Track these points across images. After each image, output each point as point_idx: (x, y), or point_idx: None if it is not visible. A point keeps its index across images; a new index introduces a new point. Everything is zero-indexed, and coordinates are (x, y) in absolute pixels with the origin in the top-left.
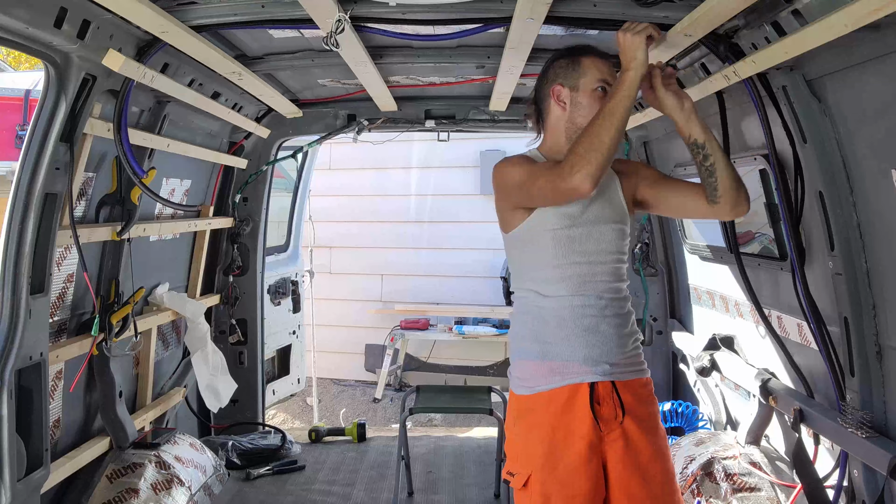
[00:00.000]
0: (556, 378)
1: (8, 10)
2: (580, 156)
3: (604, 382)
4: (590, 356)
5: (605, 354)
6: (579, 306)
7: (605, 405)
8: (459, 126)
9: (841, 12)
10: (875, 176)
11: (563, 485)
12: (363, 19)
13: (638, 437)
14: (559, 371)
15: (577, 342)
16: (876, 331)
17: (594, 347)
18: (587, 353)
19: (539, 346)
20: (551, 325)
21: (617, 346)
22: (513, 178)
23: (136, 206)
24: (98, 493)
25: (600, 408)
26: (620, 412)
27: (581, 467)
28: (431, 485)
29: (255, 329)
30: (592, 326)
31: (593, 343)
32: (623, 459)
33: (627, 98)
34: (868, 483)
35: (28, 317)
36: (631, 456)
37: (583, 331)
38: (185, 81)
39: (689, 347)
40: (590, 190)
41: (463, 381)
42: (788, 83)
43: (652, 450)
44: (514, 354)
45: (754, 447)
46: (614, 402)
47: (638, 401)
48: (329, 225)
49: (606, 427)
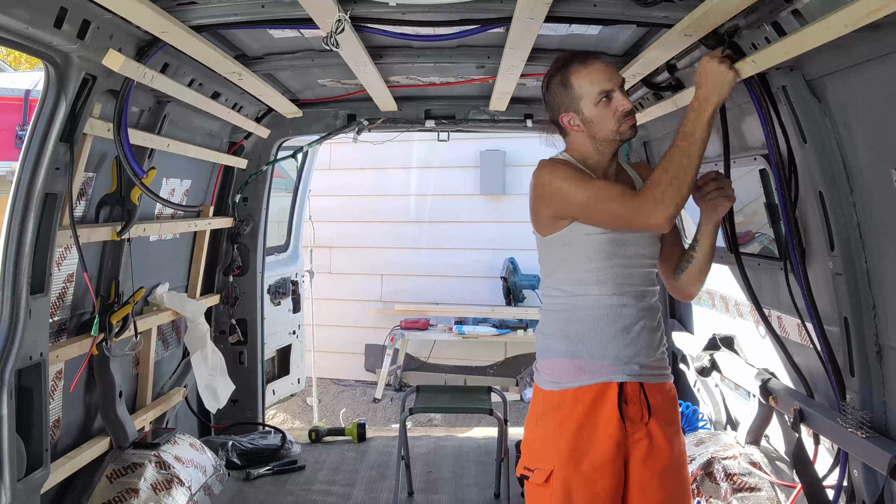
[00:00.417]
0: (585, 376)
1: (8, 10)
2: (664, 192)
3: (632, 383)
4: (621, 356)
5: (636, 355)
6: (617, 306)
7: (633, 405)
8: (459, 126)
9: (841, 12)
10: (875, 176)
11: (588, 482)
12: (363, 19)
13: (661, 440)
14: (588, 369)
15: (611, 341)
16: (876, 331)
17: (627, 347)
18: (619, 352)
19: (569, 344)
20: (585, 323)
21: (648, 347)
22: (570, 193)
23: (136, 206)
24: (98, 493)
25: (627, 407)
26: (647, 413)
27: (606, 465)
28: (431, 485)
29: (255, 329)
30: (627, 327)
31: (627, 343)
32: (645, 461)
33: (708, 127)
34: (868, 483)
35: (28, 317)
36: (653, 458)
37: (618, 330)
38: (185, 81)
39: (689, 347)
40: (669, 229)
41: (463, 381)
42: (788, 83)
43: (673, 455)
44: (543, 351)
45: (754, 447)
46: (641, 403)
47: (664, 404)
48: (329, 225)
49: (632, 427)
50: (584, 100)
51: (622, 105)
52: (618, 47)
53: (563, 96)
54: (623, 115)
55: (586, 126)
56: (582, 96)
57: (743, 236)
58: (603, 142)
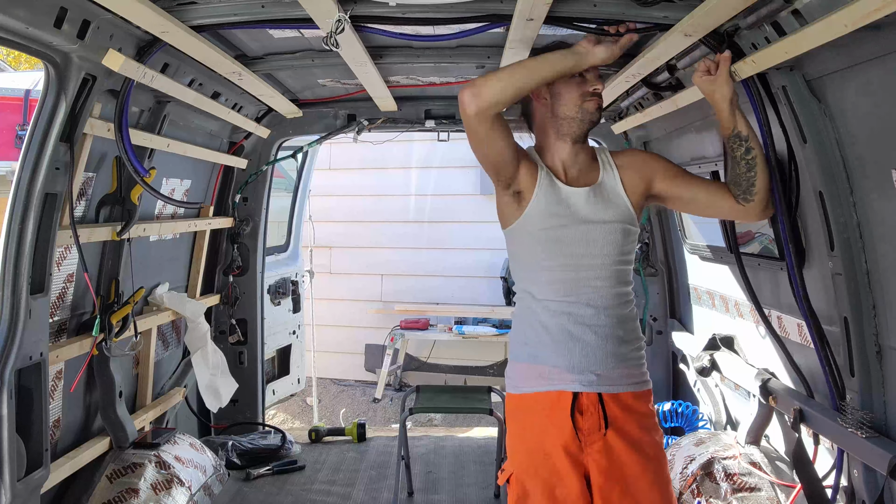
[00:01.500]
0: (543, 382)
1: (8, 10)
2: (486, 78)
3: (588, 393)
4: (574, 365)
5: (590, 364)
6: (565, 313)
7: (588, 416)
8: (459, 126)
9: (841, 12)
10: (875, 176)
11: (547, 487)
12: (363, 19)
13: (622, 450)
14: (546, 375)
15: (561, 349)
16: (876, 331)
17: (578, 357)
18: (571, 361)
19: (528, 349)
20: (538, 329)
21: (606, 356)
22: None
23: (136, 206)
24: (98, 493)
25: (582, 418)
26: (604, 425)
27: (563, 473)
28: (431, 485)
29: (255, 329)
30: (577, 335)
31: (577, 352)
32: (605, 471)
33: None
34: (868, 483)
35: (28, 317)
36: (614, 469)
37: (567, 338)
38: (185, 81)
39: (689, 347)
40: (472, 111)
41: (463, 381)
42: (788, 83)
43: (640, 466)
44: (510, 354)
45: (754, 447)
46: (598, 414)
47: (627, 415)
48: (329, 225)
49: (587, 438)
50: None
51: (593, 85)
52: None
53: None
54: (590, 94)
55: (552, 99)
56: None
57: (743, 236)
58: (564, 120)
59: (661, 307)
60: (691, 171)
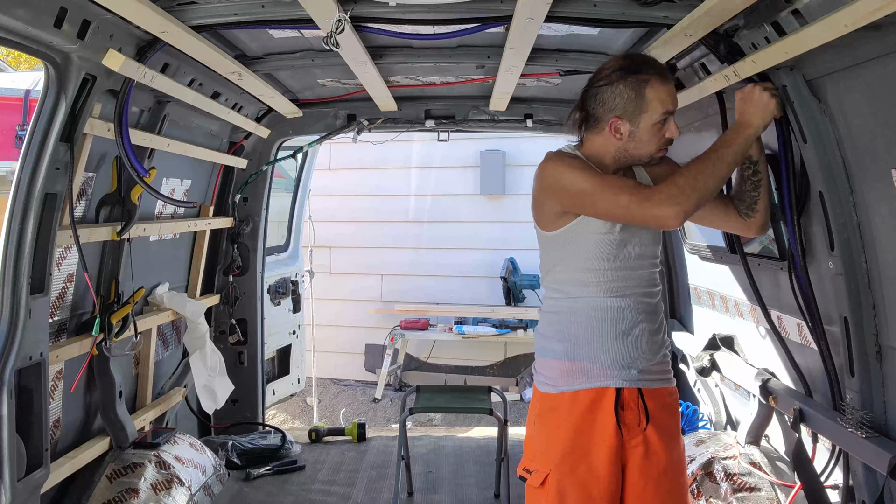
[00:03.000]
0: (582, 379)
1: (8, 10)
2: (681, 189)
3: (630, 388)
4: (619, 360)
5: (635, 360)
6: (615, 308)
7: (630, 411)
8: (459, 126)
9: (841, 12)
10: (875, 176)
11: (583, 486)
12: (363, 19)
13: (658, 446)
14: (585, 372)
15: (609, 345)
16: (876, 331)
17: (625, 352)
18: (617, 356)
19: (566, 346)
20: (582, 325)
21: (648, 352)
22: (575, 183)
23: (136, 206)
24: (98, 493)
25: (624, 413)
26: (644, 419)
27: (602, 471)
28: (431, 485)
29: (255, 329)
30: (626, 330)
31: (625, 347)
32: (641, 467)
33: (743, 152)
34: (868, 483)
35: (28, 317)
36: (648, 464)
37: (617, 334)
38: (185, 81)
39: (689, 347)
40: (677, 226)
41: (463, 381)
42: (788, 83)
43: (669, 461)
44: (541, 352)
45: (754, 447)
46: (639, 409)
47: (662, 410)
48: (329, 225)
49: (629, 433)
50: (646, 114)
51: (672, 132)
52: (618, 47)
53: (628, 101)
54: (667, 142)
55: (631, 139)
56: (647, 110)
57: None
58: (631, 158)
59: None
60: None
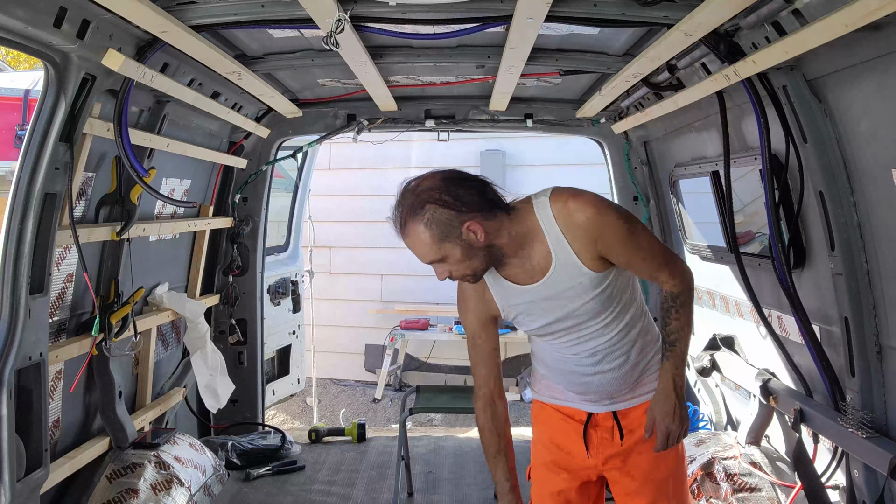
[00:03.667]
0: (558, 396)
1: (8, 10)
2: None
3: (604, 414)
4: (590, 395)
5: (604, 397)
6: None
7: (603, 430)
8: (459, 126)
9: (841, 12)
10: (875, 176)
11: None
12: (363, 19)
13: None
14: (559, 395)
15: (574, 383)
16: (876, 331)
17: (589, 393)
18: (586, 390)
19: (542, 368)
20: (543, 365)
21: (618, 387)
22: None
23: (136, 206)
24: (98, 493)
25: (596, 431)
26: (619, 435)
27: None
28: (431, 485)
29: (255, 329)
30: (586, 382)
31: (586, 391)
32: (621, 468)
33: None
34: (868, 483)
35: (28, 317)
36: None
37: (580, 375)
38: (185, 81)
39: (690, 347)
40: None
41: (463, 381)
42: (789, 83)
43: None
44: (532, 359)
45: (754, 447)
46: (613, 428)
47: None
48: (329, 225)
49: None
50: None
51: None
52: (618, 47)
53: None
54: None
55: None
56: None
57: (743, 236)
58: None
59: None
60: (691, 170)
